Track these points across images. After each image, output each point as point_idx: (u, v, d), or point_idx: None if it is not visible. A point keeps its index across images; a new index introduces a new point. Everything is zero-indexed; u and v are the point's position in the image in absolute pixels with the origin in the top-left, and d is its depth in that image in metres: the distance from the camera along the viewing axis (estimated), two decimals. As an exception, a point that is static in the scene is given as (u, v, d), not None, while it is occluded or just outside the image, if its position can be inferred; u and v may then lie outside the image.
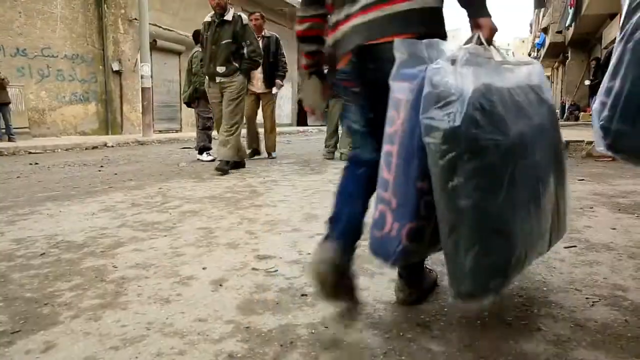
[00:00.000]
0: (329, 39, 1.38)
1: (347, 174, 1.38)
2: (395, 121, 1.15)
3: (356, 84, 1.32)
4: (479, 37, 1.19)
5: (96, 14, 11.94)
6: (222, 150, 4.49)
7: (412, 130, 1.10)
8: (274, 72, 5.80)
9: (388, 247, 1.14)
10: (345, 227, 1.26)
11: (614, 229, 2.15)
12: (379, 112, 1.21)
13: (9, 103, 9.28)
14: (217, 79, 4.50)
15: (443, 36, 1.24)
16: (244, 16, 4.55)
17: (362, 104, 1.34)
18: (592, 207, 2.61)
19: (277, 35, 5.91)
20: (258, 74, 5.52)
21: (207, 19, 4.60)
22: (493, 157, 1.05)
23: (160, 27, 13.22)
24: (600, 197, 2.91)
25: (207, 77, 4.67)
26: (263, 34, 5.69)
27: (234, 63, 4.47)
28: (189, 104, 6.20)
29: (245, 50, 4.47)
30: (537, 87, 1.24)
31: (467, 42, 1.19)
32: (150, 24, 11.52)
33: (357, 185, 1.33)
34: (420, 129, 1.07)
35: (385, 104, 1.17)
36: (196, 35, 5.79)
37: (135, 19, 12.10)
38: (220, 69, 4.44)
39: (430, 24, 1.23)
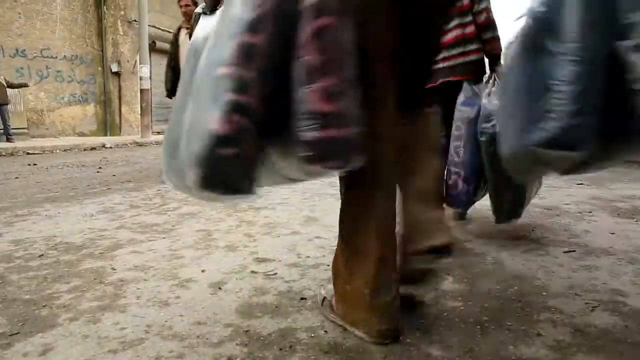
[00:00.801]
0: None
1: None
2: (461, 128, 2.08)
3: None
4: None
5: (96, 16, 11.94)
6: None
7: (473, 133, 2.01)
8: None
9: (461, 199, 2.15)
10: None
11: (613, 233, 2.15)
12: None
13: (8, 103, 9.27)
14: None
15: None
16: None
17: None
18: (590, 212, 2.61)
19: None
20: None
21: (198, 10, 4.11)
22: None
23: (159, 28, 13.23)
24: (599, 202, 2.91)
25: None
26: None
27: None
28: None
29: None
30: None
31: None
32: (149, 25, 11.52)
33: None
34: (477, 133, 1.97)
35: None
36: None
37: (135, 20, 12.10)
38: None
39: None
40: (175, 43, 4.73)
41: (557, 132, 1.00)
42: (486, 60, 2.22)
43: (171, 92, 4.88)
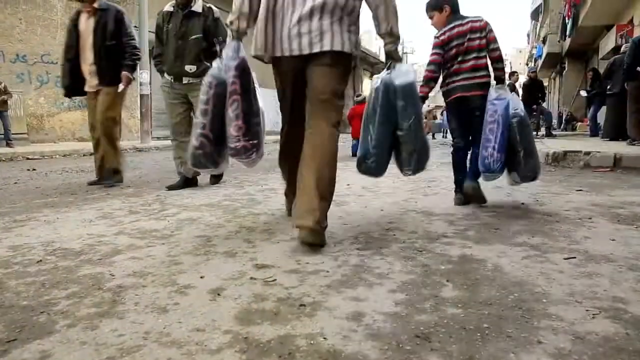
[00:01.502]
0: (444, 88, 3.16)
1: (454, 153, 3.21)
2: (494, 116, 2.83)
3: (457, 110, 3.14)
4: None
5: (96, 21, 11.96)
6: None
7: (505, 119, 2.82)
8: (115, 61, 4.11)
9: (494, 166, 2.84)
10: (462, 179, 3.10)
11: (613, 240, 2.14)
12: (466, 122, 3.09)
13: (7, 110, 9.29)
14: (185, 80, 3.89)
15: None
16: (215, 9, 3.94)
17: (457, 119, 3.17)
18: (590, 218, 2.61)
19: (121, 9, 4.20)
20: (89, 65, 4.08)
21: (168, 8, 3.95)
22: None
23: (160, 34, 13.22)
24: (599, 208, 2.91)
25: (168, 76, 3.97)
26: (97, 5, 4.05)
27: (205, 62, 3.84)
28: None
29: (218, 48, 3.84)
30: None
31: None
32: (149, 31, 11.54)
33: (461, 160, 3.19)
34: (508, 119, 2.84)
35: (465, 119, 3.11)
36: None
37: (135, 26, 12.14)
38: (190, 68, 3.86)
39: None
40: (74, 30, 4.08)
41: (368, 163, 2.52)
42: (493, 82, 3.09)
43: (69, 89, 4.19)
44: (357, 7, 2.26)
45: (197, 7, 3.88)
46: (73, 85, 4.22)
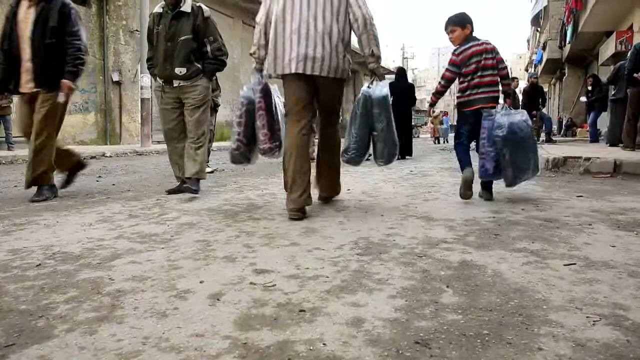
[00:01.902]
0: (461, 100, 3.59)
1: (460, 148, 3.61)
2: (484, 132, 3.36)
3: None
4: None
5: (98, 25, 12.02)
6: (191, 165, 3.71)
7: (492, 134, 3.31)
8: (55, 63, 3.54)
9: (488, 172, 3.39)
10: (468, 164, 3.40)
11: (613, 246, 2.14)
12: (473, 128, 3.48)
13: (10, 113, 9.32)
14: (176, 83, 3.74)
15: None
16: (205, 8, 3.77)
17: (471, 125, 3.51)
18: (590, 224, 2.61)
19: (69, 2, 3.66)
20: (26, 62, 3.52)
21: (158, 9, 3.80)
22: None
23: (161, 38, 13.27)
24: (599, 214, 2.90)
25: (159, 79, 3.82)
26: None
27: (196, 63, 3.74)
28: None
29: (208, 48, 3.75)
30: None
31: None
32: (151, 35, 11.56)
33: (466, 151, 3.55)
34: (494, 133, 3.31)
35: (479, 127, 3.42)
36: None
37: (137, 30, 12.18)
38: (180, 71, 3.69)
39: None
40: (12, 19, 3.55)
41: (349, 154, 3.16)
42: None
43: (1, 82, 3.57)
44: (348, 35, 2.93)
45: (186, 7, 3.72)
46: (6, 77, 3.58)
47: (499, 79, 3.51)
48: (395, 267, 1.84)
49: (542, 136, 12.63)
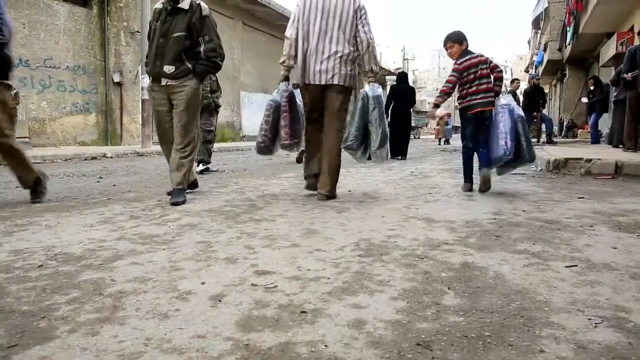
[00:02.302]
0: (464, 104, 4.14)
1: (467, 155, 4.14)
2: (504, 115, 3.85)
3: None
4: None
5: (99, 27, 12.03)
6: (176, 175, 3.54)
7: (514, 121, 3.83)
8: None
9: (508, 152, 3.72)
10: (469, 177, 4.06)
11: (615, 248, 2.14)
12: (480, 129, 4.02)
13: (16, 116, 9.34)
14: (164, 81, 3.54)
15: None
16: (204, 5, 3.61)
17: (474, 126, 4.05)
18: (592, 226, 2.61)
19: None
20: None
21: (159, 5, 3.66)
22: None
23: (162, 39, 13.27)
24: (600, 216, 2.90)
25: (150, 78, 3.68)
26: None
27: (187, 63, 3.53)
28: None
29: (202, 48, 3.53)
30: None
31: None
32: (152, 36, 11.56)
33: (470, 158, 4.07)
34: (514, 120, 3.84)
35: (480, 127, 4.05)
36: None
37: (138, 31, 12.19)
38: (168, 69, 3.50)
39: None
40: None
41: (348, 142, 3.68)
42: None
43: None
44: (354, 55, 3.64)
45: (185, 3, 3.54)
46: None
47: (492, 85, 4.08)
48: (397, 268, 1.84)
49: (543, 137, 12.63)
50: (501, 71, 4.17)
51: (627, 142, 7.13)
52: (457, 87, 4.07)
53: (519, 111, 3.93)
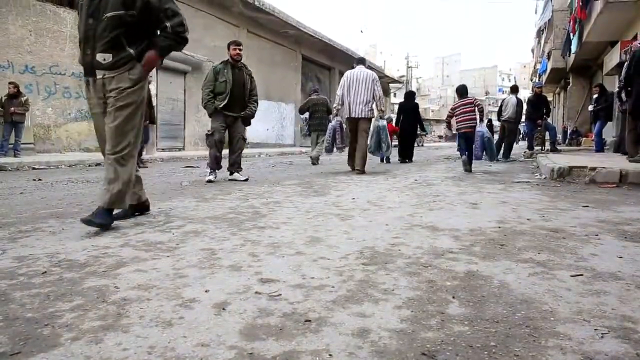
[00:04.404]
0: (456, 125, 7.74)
1: (459, 152, 7.62)
2: (478, 138, 7.33)
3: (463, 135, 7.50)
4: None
5: (104, 34, 12.11)
6: (103, 193, 2.82)
7: (482, 139, 7.37)
8: None
9: (479, 154, 7.41)
10: (464, 153, 7.24)
11: (620, 257, 2.12)
12: (466, 141, 7.31)
13: (24, 121, 9.45)
14: (99, 74, 2.80)
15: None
16: None
17: (464, 139, 7.33)
18: (597, 235, 2.59)
19: None
20: None
21: None
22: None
23: (167, 47, 13.35)
24: (605, 225, 2.89)
25: (83, 70, 2.92)
26: None
27: (129, 49, 2.79)
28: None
29: (168, 24, 2.80)
30: None
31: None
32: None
33: (462, 152, 7.36)
34: (482, 139, 7.42)
35: (466, 140, 7.40)
36: None
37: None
38: (103, 57, 2.76)
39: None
40: None
41: (370, 149, 7.54)
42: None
43: None
44: (371, 103, 6.74)
45: None
46: None
47: (475, 116, 7.16)
48: (401, 277, 1.83)
49: (547, 145, 12.59)
50: (481, 106, 7.35)
51: (629, 149, 7.09)
52: (454, 117, 7.37)
53: (487, 134, 7.35)
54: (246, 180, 5.80)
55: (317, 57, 23.73)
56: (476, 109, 7.04)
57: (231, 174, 5.98)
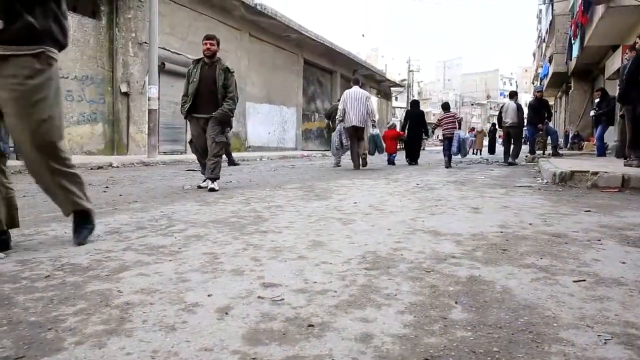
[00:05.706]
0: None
1: (443, 150, 10.64)
2: (455, 140, 10.33)
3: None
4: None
5: (107, 37, 12.17)
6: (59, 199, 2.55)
7: (458, 140, 10.33)
8: None
9: (455, 152, 10.40)
10: (446, 154, 10.35)
11: (623, 262, 2.12)
12: (448, 142, 10.31)
13: None
14: None
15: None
16: None
17: (447, 141, 10.35)
18: (599, 240, 2.59)
19: None
20: None
21: None
22: None
23: (169, 50, 13.43)
24: (608, 230, 2.88)
25: None
26: None
27: (28, 16, 2.11)
28: None
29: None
30: None
31: None
32: (159, 47, 11.70)
33: (445, 152, 10.46)
34: (459, 140, 10.44)
35: (448, 142, 10.40)
36: None
37: (145, 42, 12.32)
38: None
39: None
40: None
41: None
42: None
43: None
44: (365, 115, 8.88)
45: None
46: None
47: (455, 125, 10.08)
48: (403, 282, 1.83)
49: (549, 149, 12.59)
50: (459, 118, 10.57)
51: (629, 150, 7.06)
52: (440, 126, 10.39)
53: (463, 136, 10.31)
54: (214, 190, 4.96)
55: (319, 60, 23.78)
56: (456, 120, 10.22)
57: (204, 180, 5.32)
